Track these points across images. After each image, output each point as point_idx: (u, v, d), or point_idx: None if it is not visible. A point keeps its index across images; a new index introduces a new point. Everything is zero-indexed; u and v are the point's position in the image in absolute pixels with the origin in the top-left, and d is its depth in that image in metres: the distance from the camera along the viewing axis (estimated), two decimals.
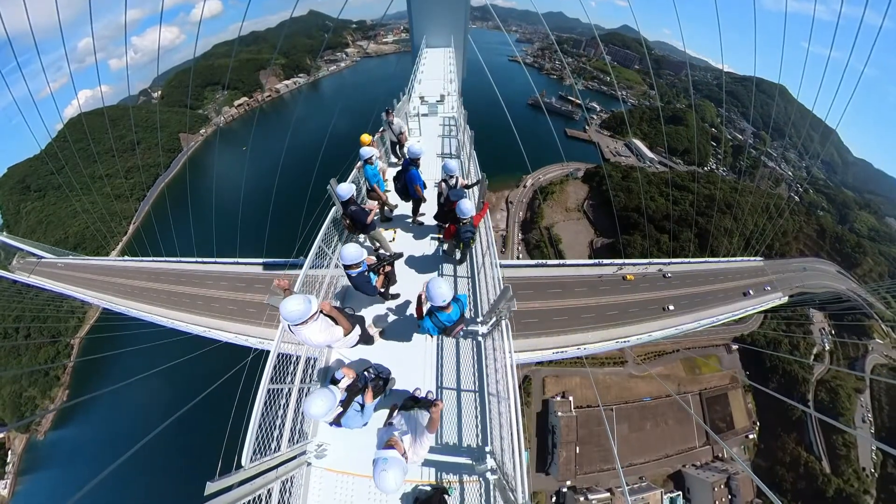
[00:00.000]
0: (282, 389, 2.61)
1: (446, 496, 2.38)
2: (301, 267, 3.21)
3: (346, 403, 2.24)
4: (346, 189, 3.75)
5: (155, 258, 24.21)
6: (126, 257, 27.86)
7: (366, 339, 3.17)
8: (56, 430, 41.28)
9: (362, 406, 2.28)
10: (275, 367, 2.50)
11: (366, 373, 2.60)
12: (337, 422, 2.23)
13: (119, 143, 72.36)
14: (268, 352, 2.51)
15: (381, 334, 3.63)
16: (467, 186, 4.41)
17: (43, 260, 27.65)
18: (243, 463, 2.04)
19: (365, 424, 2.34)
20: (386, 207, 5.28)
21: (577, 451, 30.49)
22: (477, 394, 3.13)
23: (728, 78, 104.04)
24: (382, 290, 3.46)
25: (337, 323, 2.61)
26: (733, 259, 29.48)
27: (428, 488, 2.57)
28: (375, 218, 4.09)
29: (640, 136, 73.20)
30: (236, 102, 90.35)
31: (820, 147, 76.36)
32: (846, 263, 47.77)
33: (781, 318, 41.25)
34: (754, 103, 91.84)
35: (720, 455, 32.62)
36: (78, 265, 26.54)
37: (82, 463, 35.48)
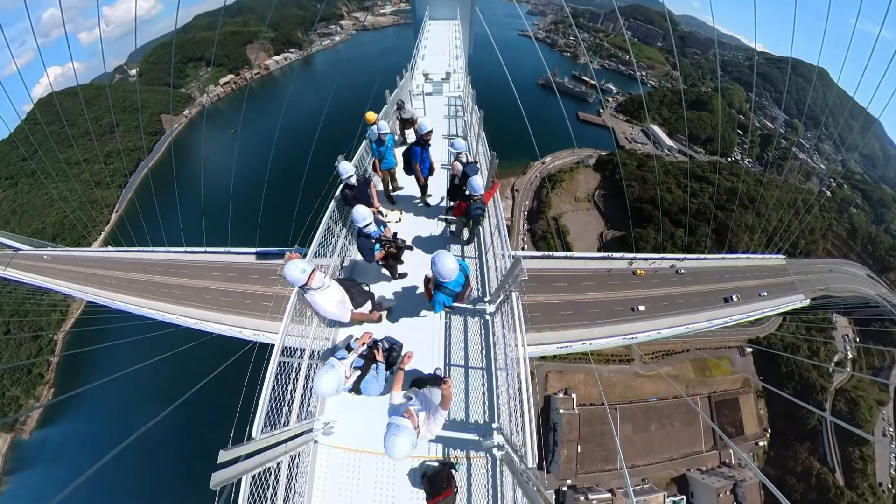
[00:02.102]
0: (291, 364, 2.79)
1: (454, 471, 2.58)
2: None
3: (364, 368, 2.41)
4: (345, 168, 3.84)
5: (141, 248, 24.37)
6: (110, 248, 27.98)
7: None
8: (43, 429, 41.88)
9: (377, 371, 2.46)
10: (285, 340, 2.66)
11: (380, 343, 2.77)
12: (357, 388, 2.40)
13: (96, 126, 71.29)
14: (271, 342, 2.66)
15: (389, 313, 3.82)
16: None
17: (20, 252, 27.82)
18: (254, 434, 2.22)
19: (382, 389, 2.52)
20: (391, 187, 5.36)
21: (579, 450, 31.25)
22: (484, 371, 3.33)
23: (761, 58, 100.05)
24: (381, 262, 3.62)
25: (352, 298, 2.77)
26: (753, 255, 29.18)
27: (435, 464, 2.77)
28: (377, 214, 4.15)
29: (659, 121, 71.56)
30: (222, 80, 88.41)
31: (860, 138, 74.00)
32: (878, 267, 46.47)
33: (801, 322, 40.85)
34: (788, 87, 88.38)
35: (727, 461, 33.18)
36: (58, 256, 26.75)
37: (74, 457, 36.54)
